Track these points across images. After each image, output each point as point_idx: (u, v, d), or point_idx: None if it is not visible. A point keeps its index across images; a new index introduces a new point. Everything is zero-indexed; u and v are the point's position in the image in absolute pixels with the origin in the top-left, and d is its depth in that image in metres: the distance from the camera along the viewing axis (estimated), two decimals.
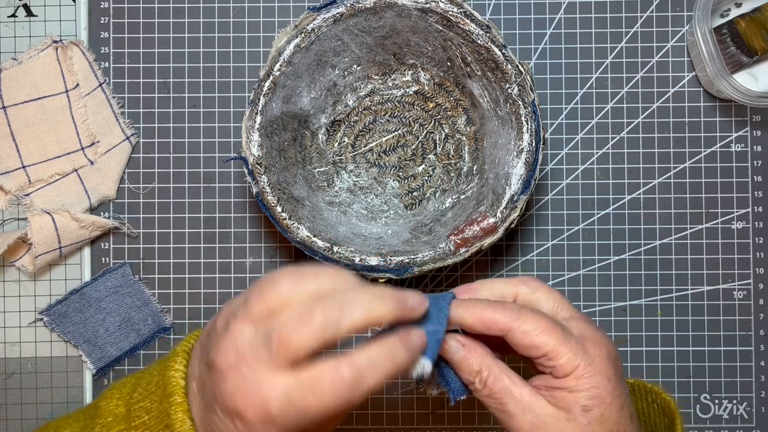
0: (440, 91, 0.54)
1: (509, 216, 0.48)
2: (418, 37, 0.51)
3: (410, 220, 0.53)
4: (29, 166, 0.54)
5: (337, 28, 0.49)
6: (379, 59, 0.53)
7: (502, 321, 0.38)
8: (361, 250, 0.48)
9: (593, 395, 0.38)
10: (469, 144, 0.54)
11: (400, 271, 0.48)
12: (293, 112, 0.51)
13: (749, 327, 0.54)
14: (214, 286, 0.55)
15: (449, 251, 0.48)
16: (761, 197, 0.55)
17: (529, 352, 0.38)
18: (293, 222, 0.48)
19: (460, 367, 0.39)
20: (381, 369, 0.34)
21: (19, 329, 0.55)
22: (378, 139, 0.54)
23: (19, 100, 0.54)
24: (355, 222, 0.53)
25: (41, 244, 0.53)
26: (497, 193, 0.49)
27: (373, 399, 0.55)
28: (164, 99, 0.55)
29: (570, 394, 0.38)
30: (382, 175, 0.54)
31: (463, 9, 0.48)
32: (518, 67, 0.48)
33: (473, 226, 0.48)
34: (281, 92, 0.49)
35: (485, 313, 0.38)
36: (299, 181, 0.52)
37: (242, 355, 0.34)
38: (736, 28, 0.52)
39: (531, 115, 0.48)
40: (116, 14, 0.55)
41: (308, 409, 0.33)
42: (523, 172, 0.48)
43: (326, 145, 0.54)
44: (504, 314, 0.38)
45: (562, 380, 0.38)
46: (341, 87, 0.53)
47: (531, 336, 0.37)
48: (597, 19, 0.55)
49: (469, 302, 0.39)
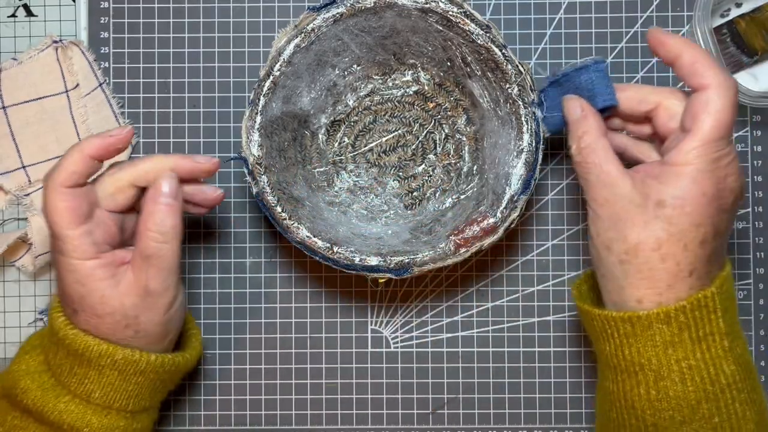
0: (440, 91, 0.54)
1: (509, 216, 0.48)
2: (418, 37, 0.51)
3: (410, 220, 0.53)
4: (29, 166, 0.54)
5: (337, 28, 0.49)
6: (379, 59, 0.53)
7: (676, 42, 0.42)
8: (361, 250, 0.48)
9: (676, 196, 0.40)
10: (469, 144, 0.54)
11: (400, 271, 0.48)
12: (293, 112, 0.51)
13: (749, 327, 0.54)
14: (214, 286, 0.55)
15: (449, 251, 0.48)
16: (761, 197, 0.55)
17: (689, 68, 0.41)
18: (293, 222, 0.48)
19: (571, 128, 0.44)
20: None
21: (19, 329, 0.55)
22: (378, 139, 0.54)
23: (19, 100, 0.54)
24: (355, 222, 0.53)
25: (41, 244, 0.53)
26: (497, 193, 0.48)
27: (373, 399, 0.55)
28: (164, 99, 0.55)
29: (659, 185, 0.40)
30: (382, 175, 0.54)
31: (463, 9, 0.48)
32: (518, 67, 0.48)
33: (473, 226, 0.48)
34: (281, 92, 0.49)
35: (663, 35, 0.42)
36: (299, 181, 0.52)
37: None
38: (736, 28, 0.52)
39: (531, 115, 0.48)
40: (116, 14, 0.55)
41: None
42: (523, 172, 0.48)
43: (326, 145, 0.54)
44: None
45: (666, 161, 0.41)
46: (341, 87, 0.53)
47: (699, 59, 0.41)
48: (597, 19, 0.55)
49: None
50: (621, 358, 0.41)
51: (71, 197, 0.42)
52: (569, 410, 0.54)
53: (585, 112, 0.44)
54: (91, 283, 0.42)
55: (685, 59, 0.41)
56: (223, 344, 0.55)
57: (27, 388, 0.44)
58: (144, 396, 0.45)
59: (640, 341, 0.40)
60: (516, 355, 0.55)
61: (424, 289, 0.55)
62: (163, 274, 0.43)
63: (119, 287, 0.43)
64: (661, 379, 0.40)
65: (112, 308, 0.43)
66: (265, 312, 0.55)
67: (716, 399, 0.40)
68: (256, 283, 0.55)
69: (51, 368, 0.44)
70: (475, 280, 0.55)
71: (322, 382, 0.55)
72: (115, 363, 0.43)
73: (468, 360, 0.55)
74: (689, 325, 0.40)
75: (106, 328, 0.43)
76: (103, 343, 0.43)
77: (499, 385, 0.55)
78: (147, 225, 0.43)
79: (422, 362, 0.55)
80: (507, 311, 0.55)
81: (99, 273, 0.42)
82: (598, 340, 0.43)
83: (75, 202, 0.42)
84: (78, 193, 0.43)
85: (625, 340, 0.41)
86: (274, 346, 0.55)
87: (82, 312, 0.43)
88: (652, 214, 0.40)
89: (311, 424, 0.55)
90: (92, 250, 0.42)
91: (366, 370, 0.55)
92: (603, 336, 0.42)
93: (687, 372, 0.40)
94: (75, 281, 0.42)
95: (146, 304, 0.43)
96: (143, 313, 0.43)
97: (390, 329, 0.55)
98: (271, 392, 0.55)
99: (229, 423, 0.55)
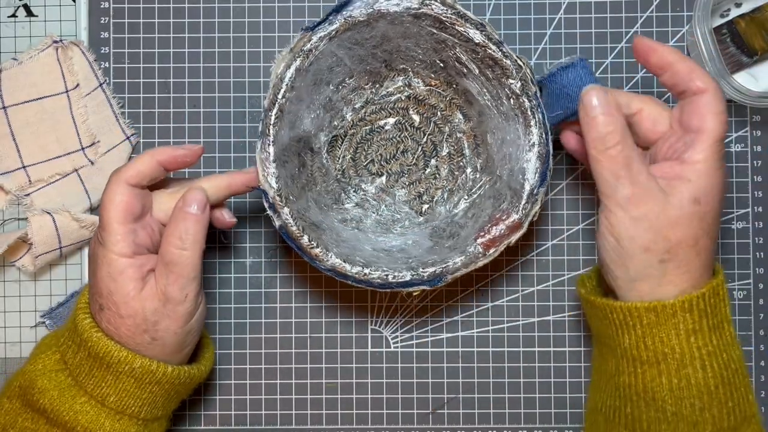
0: (433, 93, 0.54)
1: (531, 210, 0.48)
2: (408, 42, 0.50)
3: (425, 226, 0.53)
4: (29, 166, 0.54)
5: (333, 45, 0.48)
6: (369, 68, 0.52)
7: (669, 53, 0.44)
8: (392, 267, 0.48)
9: (707, 192, 0.42)
10: (468, 141, 0.54)
11: (434, 281, 0.48)
12: (298, 135, 0.50)
13: (749, 327, 0.54)
14: (215, 286, 0.55)
15: (479, 253, 0.48)
16: (761, 197, 0.55)
17: (683, 78, 0.43)
18: (322, 250, 0.48)
19: (592, 125, 0.42)
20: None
21: (20, 329, 0.55)
22: (378, 149, 0.54)
23: (19, 100, 0.54)
24: (372, 237, 0.52)
25: (41, 244, 0.53)
26: (514, 189, 0.48)
27: (373, 399, 0.55)
28: (164, 99, 0.55)
29: (687, 184, 0.42)
30: (389, 185, 0.54)
31: (456, 10, 0.47)
32: (517, 62, 0.48)
33: (498, 225, 0.48)
34: (287, 118, 0.48)
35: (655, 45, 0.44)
36: (312, 205, 0.51)
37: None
38: (736, 28, 0.52)
39: (536, 107, 0.48)
40: (116, 14, 0.55)
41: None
42: (538, 164, 0.48)
43: (329, 163, 0.54)
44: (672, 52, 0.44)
45: (682, 159, 0.42)
46: (336, 102, 0.53)
47: (695, 69, 0.43)
48: (597, 19, 0.55)
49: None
50: (643, 349, 0.42)
51: (130, 194, 0.44)
52: (569, 410, 0.54)
53: (609, 107, 0.43)
54: (121, 280, 0.44)
55: (681, 67, 0.43)
56: (223, 344, 0.55)
57: (44, 388, 0.44)
58: (157, 405, 0.46)
59: (663, 330, 0.42)
60: (516, 355, 0.55)
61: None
62: (182, 281, 0.44)
63: (143, 291, 0.44)
64: (684, 367, 0.41)
65: (134, 310, 0.44)
66: (265, 312, 0.55)
67: (730, 383, 0.42)
68: (256, 283, 0.55)
69: (69, 367, 0.45)
70: (475, 280, 0.55)
71: (322, 382, 0.55)
72: (132, 371, 0.44)
73: (468, 360, 0.55)
74: (707, 312, 0.42)
75: (125, 329, 0.44)
76: (124, 350, 0.44)
77: (499, 385, 0.55)
78: (171, 231, 0.44)
79: (422, 362, 0.55)
80: (507, 311, 0.55)
81: (130, 272, 0.44)
82: (615, 333, 0.44)
83: (131, 199, 0.44)
84: (137, 193, 0.45)
85: (648, 330, 0.42)
86: (274, 346, 0.55)
87: (107, 309, 0.44)
88: (689, 211, 0.42)
89: (311, 424, 0.55)
90: (131, 249, 0.44)
91: (366, 370, 0.55)
92: (624, 328, 0.43)
93: (707, 358, 0.41)
94: (107, 275, 0.44)
95: (166, 310, 0.44)
96: (162, 320, 0.44)
97: (390, 329, 0.55)
98: (271, 392, 0.55)
99: (229, 423, 0.55)
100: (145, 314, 0.44)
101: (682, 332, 0.41)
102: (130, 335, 0.44)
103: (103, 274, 0.44)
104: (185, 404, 0.54)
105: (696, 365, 0.41)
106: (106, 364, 0.44)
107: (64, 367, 0.45)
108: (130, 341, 0.44)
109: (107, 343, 0.44)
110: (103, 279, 0.44)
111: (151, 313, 0.44)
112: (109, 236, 0.44)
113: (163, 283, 0.44)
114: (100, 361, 0.44)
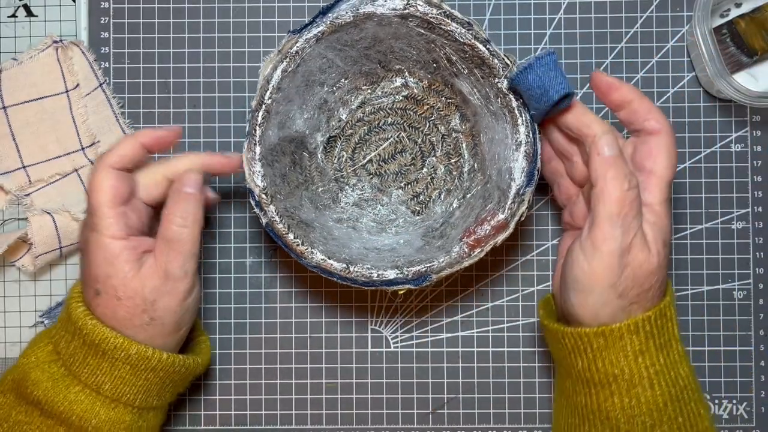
0: (430, 93, 0.53)
1: (518, 210, 0.48)
2: (401, 43, 0.50)
3: (419, 226, 0.53)
4: (29, 166, 0.54)
5: (320, 47, 0.48)
6: (365, 69, 0.52)
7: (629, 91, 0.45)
8: (377, 266, 0.48)
9: (665, 231, 0.44)
10: (466, 141, 0.54)
11: (419, 280, 0.48)
12: (289, 136, 0.50)
13: (749, 327, 0.54)
14: (214, 286, 0.55)
15: (464, 254, 0.48)
16: (761, 197, 0.55)
17: (639, 114, 0.45)
18: (306, 247, 0.48)
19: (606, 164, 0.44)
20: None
21: (20, 329, 0.55)
22: (376, 149, 0.54)
23: (19, 100, 0.54)
24: (366, 236, 0.52)
25: (41, 244, 0.53)
26: (502, 189, 0.48)
27: (373, 399, 0.55)
28: (164, 99, 0.55)
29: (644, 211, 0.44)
30: (386, 185, 0.54)
31: (443, 9, 0.47)
32: (504, 60, 0.48)
33: (484, 225, 0.48)
34: (275, 119, 0.49)
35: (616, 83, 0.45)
36: (305, 203, 0.51)
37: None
38: (736, 28, 0.52)
39: (523, 106, 0.48)
40: (116, 14, 0.55)
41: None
42: (524, 164, 0.47)
43: (326, 163, 0.54)
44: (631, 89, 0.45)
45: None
46: (332, 103, 0.53)
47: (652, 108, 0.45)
48: (597, 19, 0.55)
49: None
50: (594, 371, 0.43)
51: (116, 178, 0.45)
52: None
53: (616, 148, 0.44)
54: (117, 263, 0.44)
55: (640, 106, 0.45)
56: (223, 344, 0.55)
57: (37, 380, 0.44)
58: (152, 393, 0.46)
59: (613, 353, 0.43)
60: (516, 355, 0.55)
61: (424, 288, 0.55)
62: (182, 258, 0.45)
63: (141, 270, 0.45)
64: (633, 387, 0.43)
65: (133, 291, 0.44)
66: (265, 312, 0.55)
67: (678, 400, 0.43)
68: (256, 283, 0.55)
69: (62, 357, 0.45)
70: (475, 280, 0.55)
71: (322, 382, 0.55)
72: (128, 357, 0.44)
73: (468, 360, 0.55)
74: (653, 333, 0.43)
75: (124, 311, 0.44)
76: (120, 336, 0.44)
77: (499, 385, 0.55)
78: (170, 210, 0.45)
79: (422, 362, 0.55)
80: (507, 311, 0.55)
81: (125, 254, 0.44)
82: (568, 356, 0.45)
83: (119, 183, 0.45)
84: (122, 177, 0.45)
85: (598, 353, 0.43)
86: (274, 346, 0.55)
87: (104, 294, 0.44)
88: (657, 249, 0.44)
89: (311, 424, 0.55)
90: (124, 232, 0.45)
91: (366, 370, 0.55)
92: (575, 352, 0.44)
93: (654, 377, 0.43)
94: (103, 259, 0.44)
95: (166, 288, 0.45)
96: (161, 298, 0.45)
97: (390, 329, 0.55)
98: (271, 392, 0.55)
99: (229, 423, 0.55)
100: (144, 293, 0.44)
101: (630, 354, 0.43)
102: (129, 317, 0.44)
103: (98, 259, 0.44)
104: (185, 404, 0.55)
105: (645, 384, 0.43)
106: (101, 351, 0.44)
107: (57, 357, 0.45)
108: (128, 324, 0.45)
109: (103, 329, 0.44)
110: (99, 264, 0.44)
111: (150, 292, 0.44)
112: (101, 220, 0.44)
113: (163, 260, 0.45)
114: (95, 349, 0.44)
